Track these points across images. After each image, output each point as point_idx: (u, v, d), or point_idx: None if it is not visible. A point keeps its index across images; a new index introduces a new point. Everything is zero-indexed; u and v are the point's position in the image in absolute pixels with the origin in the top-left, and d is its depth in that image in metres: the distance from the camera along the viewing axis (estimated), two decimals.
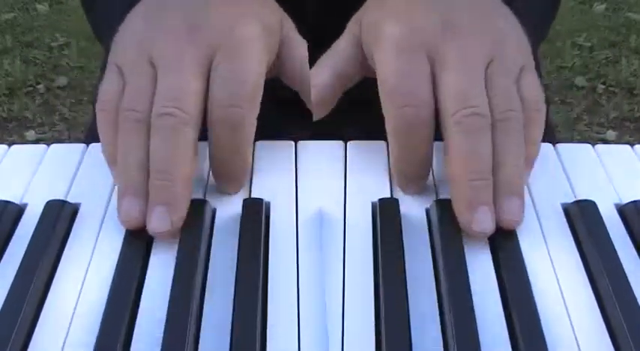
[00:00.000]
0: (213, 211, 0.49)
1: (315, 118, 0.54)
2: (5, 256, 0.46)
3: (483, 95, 0.48)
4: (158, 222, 0.46)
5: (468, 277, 0.43)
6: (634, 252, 0.46)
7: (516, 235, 0.46)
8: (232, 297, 0.42)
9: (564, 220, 0.49)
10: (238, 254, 0.45)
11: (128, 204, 0.47)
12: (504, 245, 0.46)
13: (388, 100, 0.49)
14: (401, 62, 0.49)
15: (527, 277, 0.43)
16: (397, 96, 0.49)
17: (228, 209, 0.49)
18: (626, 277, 0.43)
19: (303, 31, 0.55)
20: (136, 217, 0.47)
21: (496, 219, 0.47)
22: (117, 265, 0.44)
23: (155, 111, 0.48)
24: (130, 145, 0.48)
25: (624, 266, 0.44)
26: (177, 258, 0.44)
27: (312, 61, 0.54)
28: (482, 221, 0.46)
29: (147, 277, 0.44)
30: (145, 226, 0.46)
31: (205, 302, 0.42)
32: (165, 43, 0.50)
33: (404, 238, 0.46)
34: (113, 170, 0.51)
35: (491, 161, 0.47)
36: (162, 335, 0.39)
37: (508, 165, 0.47)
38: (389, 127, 0.49)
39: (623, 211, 0.49)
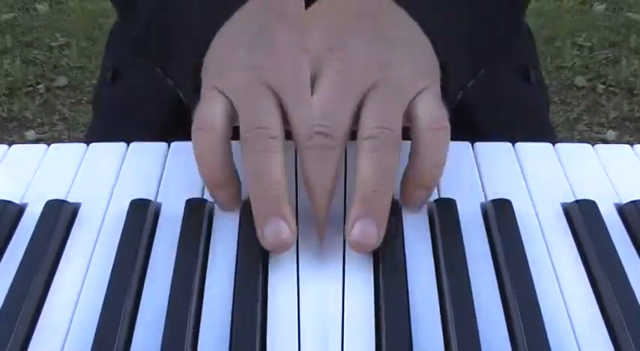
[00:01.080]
0: (213, 211, 0.49)
1: None
2: (5, 256, 0.46)
3: (344, 115, 0.46)
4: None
5: (469, 277, 0.43)
6: (634, 252, 0.47)
7: (519, 235, 0.46)
8: (232, 297, 0.42)
9: (564, 220, 0.49)
10: (238, 254, 0.45)
11: (276, 227, 0.44)
12: (505, 245, 0.46)
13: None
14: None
15: (529, 276, 0.43)
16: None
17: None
18: (626, 277, 0.43)
19: None
20: (288, 239, 0.44)
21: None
22: (116, 265, 0.44)
23: (305, 131, 0.46)
24: (266, 165, 0.45)
25: (624, 266, 0.44)
26: (177, 258, 0.44)
27: None
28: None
29: (146, 277, 0.44)
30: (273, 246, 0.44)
31: (205, 302, 0.42)
32: (281, 65, 0.48)
33: (404, 238, 0.46)
34: (220, 193, 0.48)
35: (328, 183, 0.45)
36: (161, 335, 0.39)
37: (360, 185, 0.45)
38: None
39: (623, 210, 0.49)
